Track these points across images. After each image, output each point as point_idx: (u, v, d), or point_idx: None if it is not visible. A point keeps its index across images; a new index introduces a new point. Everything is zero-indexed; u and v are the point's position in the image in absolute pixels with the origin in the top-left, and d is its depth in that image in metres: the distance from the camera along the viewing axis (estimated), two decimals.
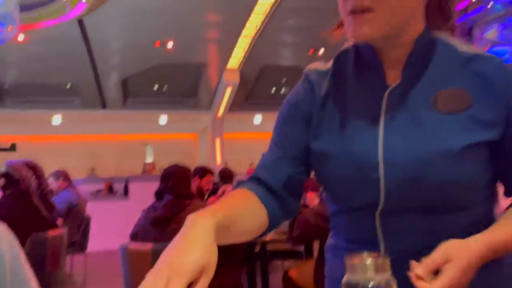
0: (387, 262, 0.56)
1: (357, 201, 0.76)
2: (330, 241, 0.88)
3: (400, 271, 0.57)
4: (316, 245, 2.62)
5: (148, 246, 2.14)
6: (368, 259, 0.56)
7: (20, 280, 0.75)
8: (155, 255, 2.13)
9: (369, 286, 0.55)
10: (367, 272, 0.55)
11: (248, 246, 3.06)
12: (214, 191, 4.30)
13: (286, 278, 2.42)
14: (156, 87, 7.98)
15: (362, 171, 0.73)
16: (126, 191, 7.05)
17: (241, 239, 0.73)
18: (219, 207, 0.68)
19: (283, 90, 8.38)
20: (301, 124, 0.80)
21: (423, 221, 0.72)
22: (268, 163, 0.82)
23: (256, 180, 0.80)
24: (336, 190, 0.79)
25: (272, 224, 0.78)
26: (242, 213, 0.73)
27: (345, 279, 0.58)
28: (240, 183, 0.82)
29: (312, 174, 0.84)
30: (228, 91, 7.83)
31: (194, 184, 2.93)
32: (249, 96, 8.50)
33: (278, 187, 0.79)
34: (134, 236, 2.32)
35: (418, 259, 0.69)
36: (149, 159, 8.15)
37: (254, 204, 0.76)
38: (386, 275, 0.55)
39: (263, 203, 0.77)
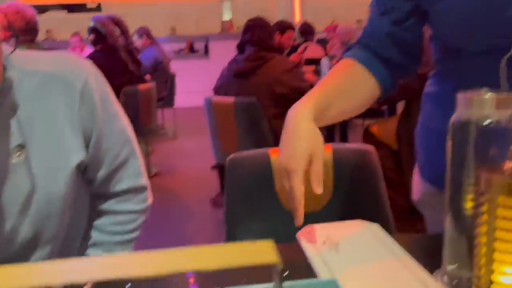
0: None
1: (480, 44, 0.64)
2: (430, 88, 0.80)
3: None
4: (400, 103, 2.52)
5: (230, 99, 2.19)
6: (487, 93, 0.48)
7: (110, 115, 0.78)
8: (237, 108, 2.19)
9: (485, 123, 0.48)
10: (484, 108, 0.48)
11: None
12: (294, 48, 4.18)
13: (367, 134, 2.40)
14: None
15: (491, 5, 0.59)
16: (206, 50, 7.15)
17: (348, 115, 0.74)
18: (317, 92, 0.67)
19: None
20: None
21: None
22: (368, 25, 0.74)
23: (361, 45, 0.74)
24: (451, 30, 0.67)
25: (386, 90, 0.74)
26: (343, 91, 0.70)
27: (454, 117, 0.51)
28: (347, 51, 0.76)
29: None
30: None
31: (275, 40, 2.83)
32: None
33: (384, 50, 0.71)
34: (218, 90, 2.38)
35: None
36: (227, 17, 8.01)
37: (358, 77, 0.72)
38: (509, 112, 0.48)
39: (372, 72, 0.72)
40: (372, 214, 0.98)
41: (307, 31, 4.56)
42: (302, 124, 0.63)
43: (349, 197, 1.00)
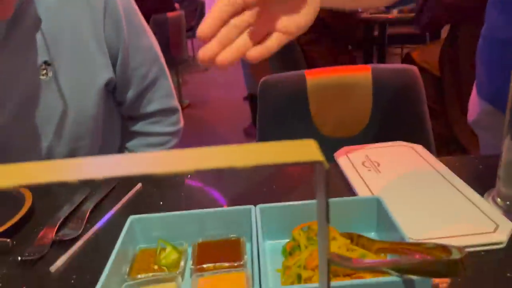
0: None
1: None
2: None
3: None
4: (445, 27, 2.33)
5: None
6: None
7: (136, 29, 0.74)
8: None
9: None
10: None
11: (365, 27, 2.88)
12: None
13: (407, 59, 2.26)
14: None
15: None
16: None
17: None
18: None
19: None
20: None
21: None
22: None
23: None
24: None
25: None
26: None
27: None
28: None
29: None
30: None
31: None
32: None
33: None
34: None
35: None
36: None
37: None
38: None
39: None
40: (413, 138, 0.93)
41: None
42: None
43: (389, 119, 0.95)
